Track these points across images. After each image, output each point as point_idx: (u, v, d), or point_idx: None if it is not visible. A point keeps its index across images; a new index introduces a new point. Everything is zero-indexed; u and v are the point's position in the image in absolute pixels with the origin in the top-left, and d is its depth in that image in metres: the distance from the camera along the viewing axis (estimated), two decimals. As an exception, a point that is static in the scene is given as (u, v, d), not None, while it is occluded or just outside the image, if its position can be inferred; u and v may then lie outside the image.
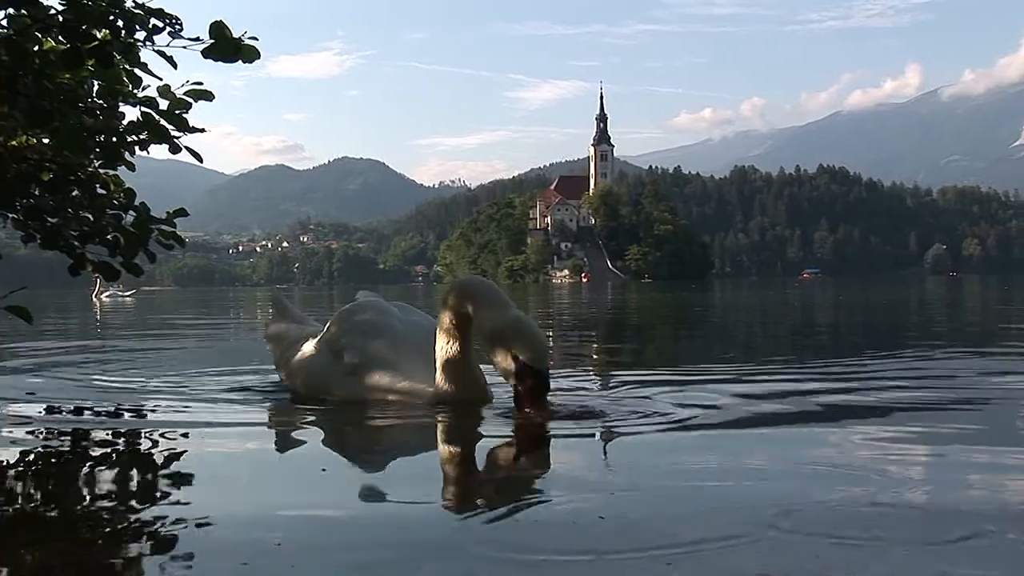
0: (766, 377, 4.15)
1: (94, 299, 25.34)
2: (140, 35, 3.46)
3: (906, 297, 19.12)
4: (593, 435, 2.69)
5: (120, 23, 3.37)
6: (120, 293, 29.37)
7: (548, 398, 2.94)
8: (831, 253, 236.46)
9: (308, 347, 3.70)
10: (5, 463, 2.39)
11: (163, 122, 3.62)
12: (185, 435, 2.85)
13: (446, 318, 3.11)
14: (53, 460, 2.50)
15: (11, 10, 3.17)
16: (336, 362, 3.48)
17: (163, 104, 3.63)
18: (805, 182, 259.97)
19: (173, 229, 3.58)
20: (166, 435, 2.82)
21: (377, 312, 3.59)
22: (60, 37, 3.40)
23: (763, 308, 15.01)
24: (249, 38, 3.42)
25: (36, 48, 3.32)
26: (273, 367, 4.07)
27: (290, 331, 4.01)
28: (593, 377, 4.49)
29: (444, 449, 2.71)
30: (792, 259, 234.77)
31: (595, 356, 6.16)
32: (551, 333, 8.11)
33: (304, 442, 2.81)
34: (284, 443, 2.83)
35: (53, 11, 3.35)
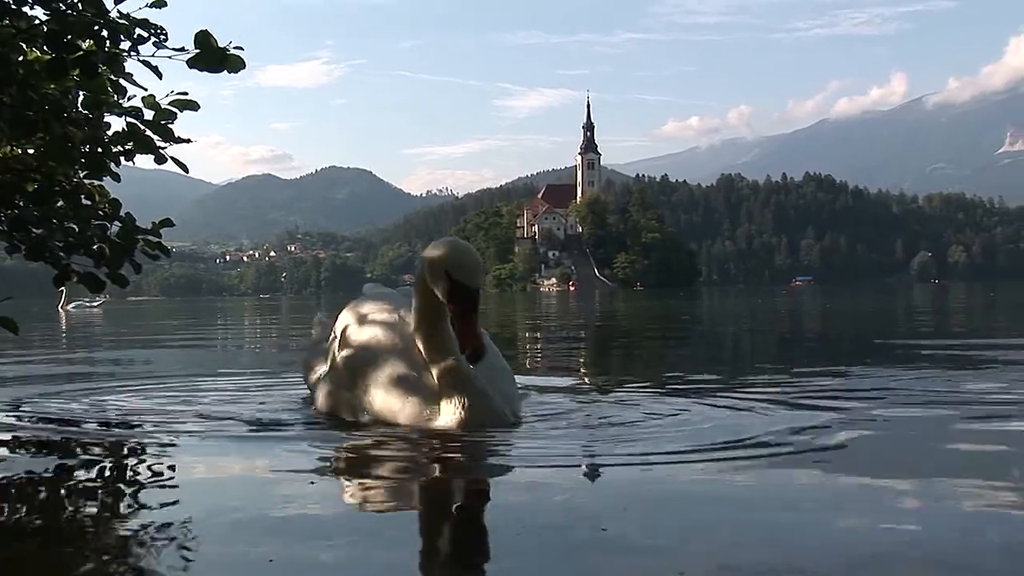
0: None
1: (60, 310, 24.17)
2: (125, 45, 3.46)
3: (893, 306, 19.21)
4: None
5: (105, 33, 3.37)
6: (87, 304, 27.90)
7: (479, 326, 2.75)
8: (818, 261, 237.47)
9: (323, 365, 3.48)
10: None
11: (148, 132, 3.62)
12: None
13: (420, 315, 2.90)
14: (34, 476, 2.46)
15: (-6, 20, 3.18)
16: (336, 373, 3.27)
17: (148, 114, 3.63)
18: (792, 190, 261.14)
19: (159, 239, 3.58)
20: (152, 448, 2.77)
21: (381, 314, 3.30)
22: (45, 47, 3.40)
23: (755, 317, 15.06)
24: (235, 48, 3.42)
25: (20, 58, 3.31)
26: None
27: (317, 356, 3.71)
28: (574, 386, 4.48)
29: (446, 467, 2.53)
30: (779, 267, 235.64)
31: (582, 369, 6.16)
32: (539, 347, 8.07)
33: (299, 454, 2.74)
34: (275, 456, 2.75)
35: (38, 21, 3.36)
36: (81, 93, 3.66)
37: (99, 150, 3.60)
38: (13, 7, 3.14)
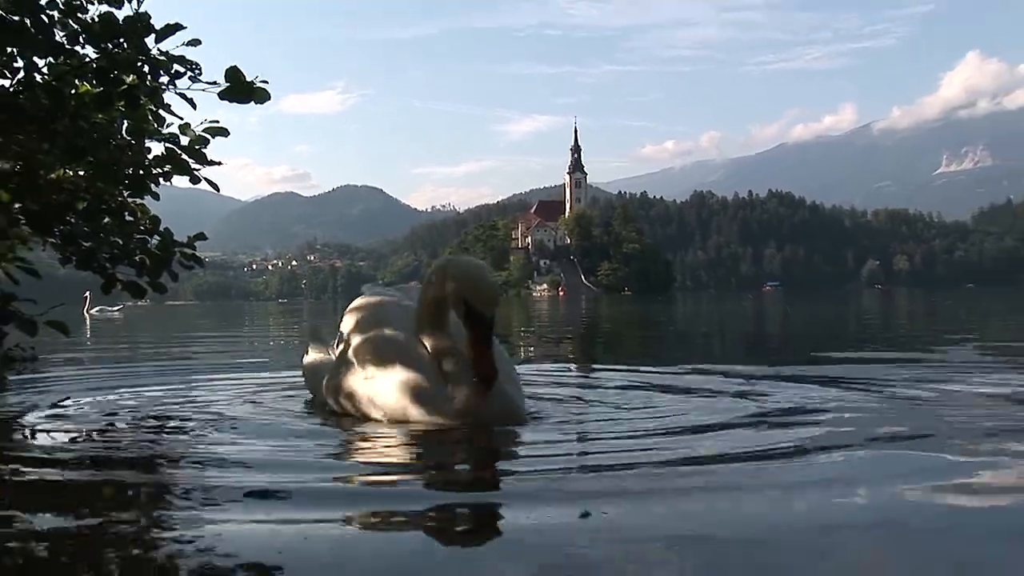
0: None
1: (85, 314, 23.40)
2: (164, 79, 3.48)
3: (840, 311, 19.26)
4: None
5: (146, 69, 3.39)
6: (109, 309, 26.53)
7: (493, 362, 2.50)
8: (779, 269, 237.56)
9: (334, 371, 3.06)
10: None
11: (184, 156, 3.64)
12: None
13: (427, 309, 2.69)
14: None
15: (51, 59, 3.19)
16: (347, 365, 2.93)
17: (184, 140, 3.65)
18: (756, 205, 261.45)
19: (193, 251, 3.59)
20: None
21: (378, 311, 3.02)
22: (94, 82, 3.41)
23: (723, 319, 15.08)
24: (261, 81, 3.44)
25: (72, 92, 3.34)
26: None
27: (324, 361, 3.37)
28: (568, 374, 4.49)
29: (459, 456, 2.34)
30: (745, 274, 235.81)
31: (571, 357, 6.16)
32: (532, 346, 8.05)
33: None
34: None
35: (88, 59, 3.37)
36: (126, 122, 3.68)
37: (141, 172, 3.61)
38: (67, 46, 3.16)
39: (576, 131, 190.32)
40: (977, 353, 5.90)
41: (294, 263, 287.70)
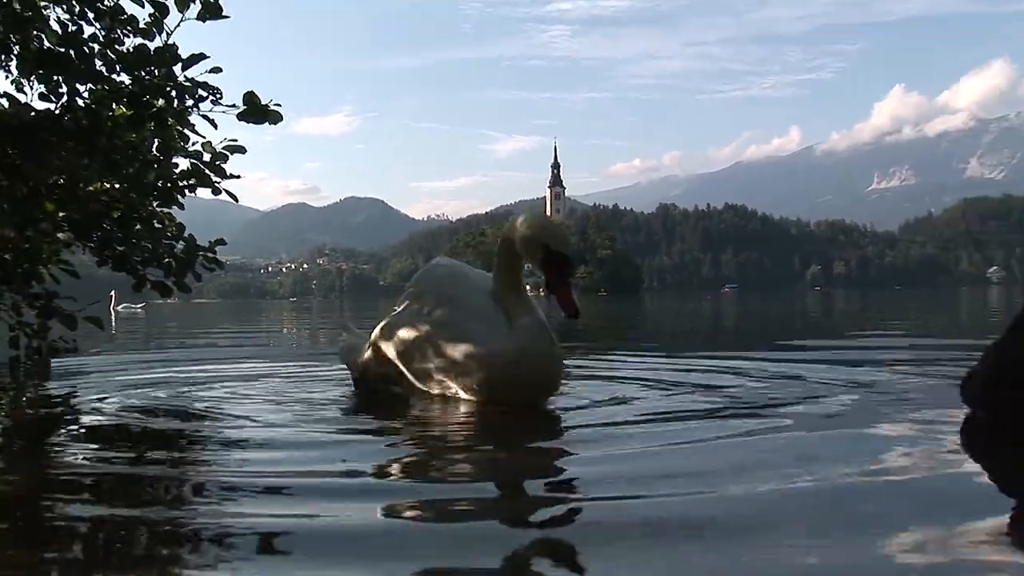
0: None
1: (111, 310, 22.82)
2: (189, 103, 3.49)
3: (782, 309, 19.42)
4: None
5: (173, 93, 3.40)
6: (132, 306, 26.20)
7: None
8: (735, 272, 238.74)
9: (393, 321, 2.85)
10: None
11: (206, 171, 3.65)
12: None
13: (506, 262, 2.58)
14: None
15: (91, 85, 3.20)
16: (427, 315, 2.72)
17: (206, 157, 3.66)
18: (714, 216, 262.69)
19: (214, 255, 3.61)
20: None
21: (452, 270, 2.92)
22: (127, 105, 3.42)
23: (682, 315, 15.18)
24: (275, 104, 3.46)
25: (109, 114, 3.35)
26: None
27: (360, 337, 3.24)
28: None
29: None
30: (705, 276, 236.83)
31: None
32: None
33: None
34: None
35: (123, 85, 3.38)
36: (155, 140, 3.69)
37: (169, 185, 3.63)
38: (106, 74, 3.17)
39: (556, 150, 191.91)
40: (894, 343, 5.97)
41: (305, 266, 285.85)
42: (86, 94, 3.28)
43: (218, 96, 3.52)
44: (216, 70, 3.45)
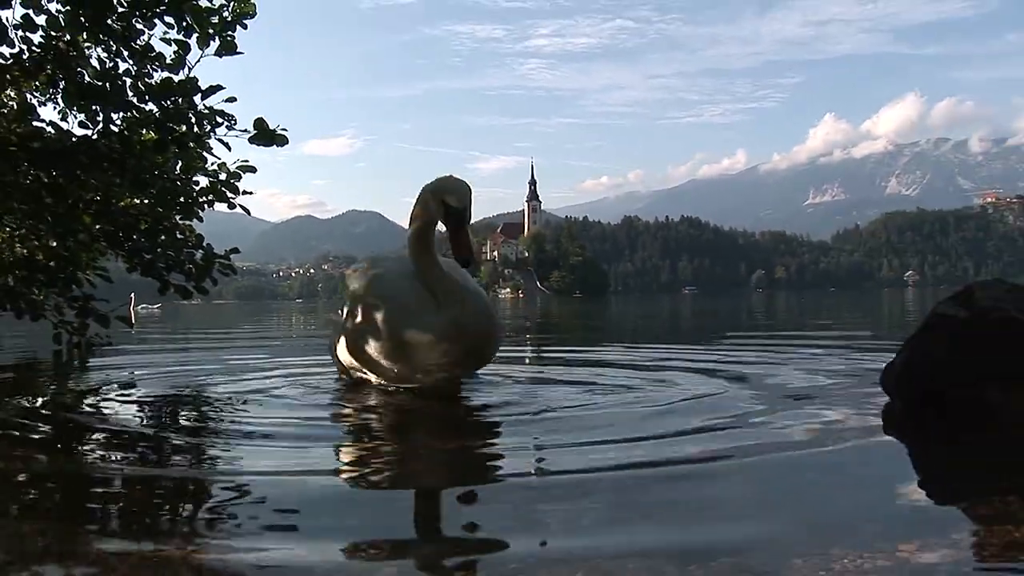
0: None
1: (131, 310, 22.64)
2: (207, 128, 3.55)
3: (728, 308, 19.64)
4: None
5: (194, 120, 3.45)
6: (150, 306, 25.26)
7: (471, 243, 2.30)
8: (690, 277, 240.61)
9: (340, 329, 2.74)
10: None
11: (223, 188, 3.70)
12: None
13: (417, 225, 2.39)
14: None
15: (123, 112, 3.24)
16: (350, 318, 2.60)
17: (223, 176, 3.71)
18: (672, 227, 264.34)
19: (229, 262, 3.66)
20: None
21: (376, 265, 2.72)
22: (154, 130, 3.47)
23: (641, 316, 15.31)
24: (281, 129, 3.52)
25: (138, 138, 3.39)
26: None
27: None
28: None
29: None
30: (664, 281, 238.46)
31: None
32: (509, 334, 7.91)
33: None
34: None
35: (151, 112, 3.42)
36: (178, 161, 3.74)
37: (190, 201, 3.67)
38: (136, 103, 3.21)
39: (533, 168, 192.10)
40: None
41: (312, 271, 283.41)
42: (119, 121, 3.33)
43: (233, 122, 3.58)
44: (231, 99, 3.51)
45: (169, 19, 3.20)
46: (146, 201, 3.59)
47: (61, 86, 3.01)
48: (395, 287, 2.46)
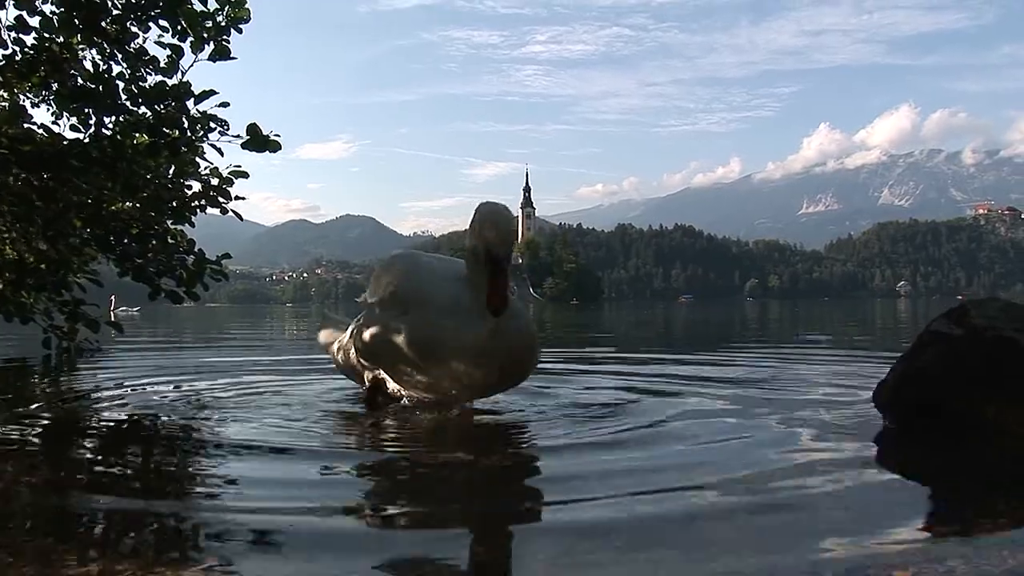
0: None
1: (111, 313, 22.57)
2: (200, 133, 3.52)
3: (722, 317, 19.63)
4: None
5: (186, 124, 3.43)
6: (130, 309, 25.00)
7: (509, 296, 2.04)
8: (684, 285, 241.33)
9: (364, 324, 2.42)
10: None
11: (215, 193, 3.67)
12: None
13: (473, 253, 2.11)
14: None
15: (115, 116, 3.22)
16: (383, 310, 2.32)
17: (215, 181, 3.69)
18: (666, 235, 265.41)
19: (220, 268, 3.63)
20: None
21: (413, 257, 2.46)
22: (146, 134, 3.44)
23: (637, 323, 15.31)
24: (274, 135, 3.49)
25: (130, 142, 3.37)
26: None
27: (338, 327, 2.85)
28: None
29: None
30: (657, 288, 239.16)
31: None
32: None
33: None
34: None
35: (143, 116, 3.40)
36: (170, 166, 3.71)
37: (181, 206, 3.64)
38: (129, 107, 3.19)
39: (527, 175, 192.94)
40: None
41: (305, 275, 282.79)
42: (111, 125, 3.30)
43: (226, 128, 3.55)
44: (224, 104, 3.49)
45: (163, 23, 3.19)
46: (137, 205, 3.56)
47: (54, 88, 2.99)
48: (442, 285, 2.20)
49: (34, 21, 2.98)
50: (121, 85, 3.24)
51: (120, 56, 3.22)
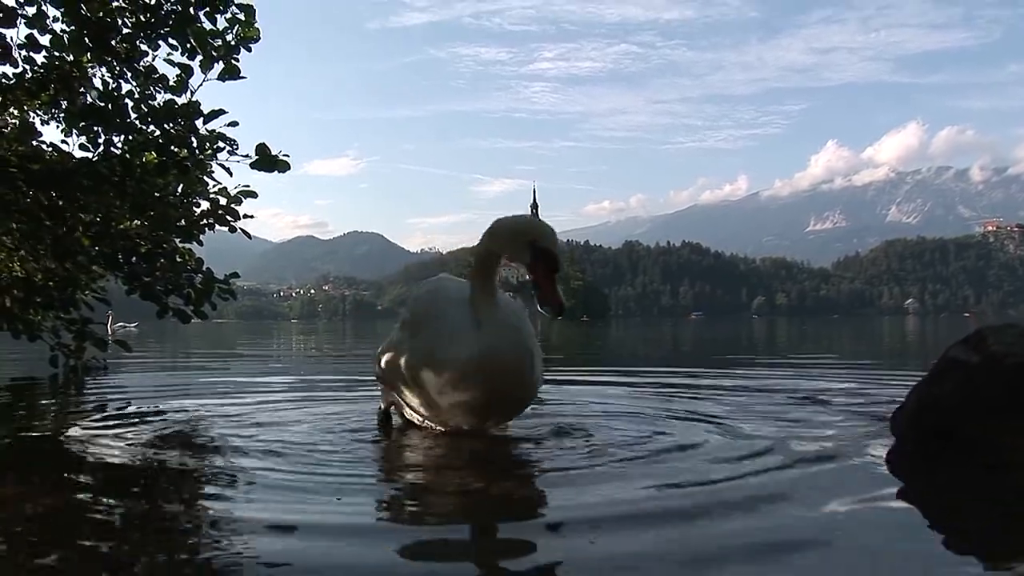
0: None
1: (108, 328, 22.55)
2: (208, 152, 3.54)
3: (728, 335, 19.48)
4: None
5: (195, 143, 3.44)
6: (127, 325, 25.12)
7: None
8: (691, 302, 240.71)
9: (384, 348, 2.41)
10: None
11: (223, 212, 3.68)
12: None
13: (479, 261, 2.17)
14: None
15: (124, 135, 3.23)
16: (401, 332, 2.33)
17: (223, 200, 3.69)
18: (673, 252, 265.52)
19: (228, 287, 3.62)
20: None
21: (438, 282, 2.45)
22: (155, 153, 3.46)
23: (644, 341, 15.21)
24: (283, 155, 3.50)
25: (138, 161, 3.38)
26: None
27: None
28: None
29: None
30: (664, 305, 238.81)
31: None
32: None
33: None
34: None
35: (152, 135, 3.41)
36: (179, 185, 3.72)
37: (189, 224, 3.65)
38: (139, 125, 3.21)
39: (535, 191, 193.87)
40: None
41: (312, 291, 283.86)
42: (120, 143, 3.31)
43: (235, 147, 3.57)
44: (233, 124, 3.51)
45: (173, 41, 3.21)
46: (145, 224, 3.56)
47: (63, 106, 3.01)
48: (446, 308, 2.20)
49: (44, 39, 3.01)
50: (130, 104, 3.26)
51: (130, 74, 3.24)
